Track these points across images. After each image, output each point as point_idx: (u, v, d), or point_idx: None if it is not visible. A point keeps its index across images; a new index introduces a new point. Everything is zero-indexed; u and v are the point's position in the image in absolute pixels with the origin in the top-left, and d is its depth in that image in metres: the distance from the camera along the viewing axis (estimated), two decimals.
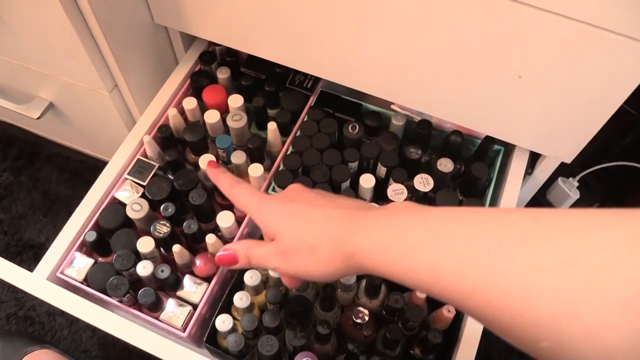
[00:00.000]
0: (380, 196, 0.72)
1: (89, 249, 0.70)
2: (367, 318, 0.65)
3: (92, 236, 0.67)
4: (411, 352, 0.66)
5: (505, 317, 0.30)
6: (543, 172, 0.76)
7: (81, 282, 0.67)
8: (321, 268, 0.44)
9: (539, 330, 0.29)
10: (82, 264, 0.68)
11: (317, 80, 0.81)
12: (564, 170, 0.85)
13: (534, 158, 0.76)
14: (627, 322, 0.25)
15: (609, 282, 0.26)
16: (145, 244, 0.66)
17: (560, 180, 0.94)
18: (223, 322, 0.63)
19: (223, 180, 0.54)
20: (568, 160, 0.69)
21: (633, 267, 0.26)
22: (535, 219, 0.32)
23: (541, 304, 0.28)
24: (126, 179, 0.73)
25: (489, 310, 0.31)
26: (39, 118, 0.91)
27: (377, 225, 0.41)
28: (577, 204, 0.96)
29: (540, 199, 0.99)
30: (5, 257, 0.73)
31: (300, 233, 0.45)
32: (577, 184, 0.94)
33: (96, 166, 1.07)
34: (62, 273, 0.68)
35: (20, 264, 0.97)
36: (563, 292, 0.28)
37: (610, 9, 0.49)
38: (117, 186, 0.73)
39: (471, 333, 0.63)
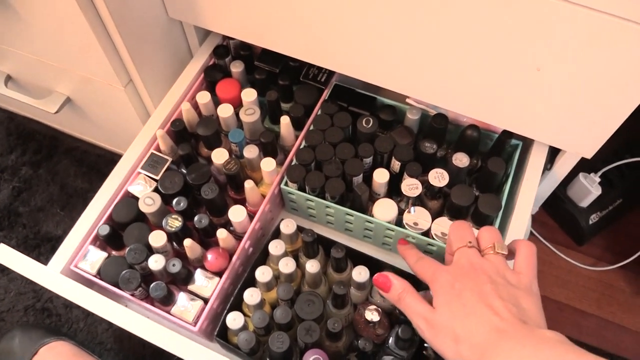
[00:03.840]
0: (394, 191, 0.71)
1: (102, 242, 0.71)
2: (379, 317, 0.64)
3: (105, 230, 0.67)
4: (424, 352, 0.65)
5: None
6: (562, 167, 0.74)
7: (94, 276, 0.67)
8: (455, 359, 0.48)
9: None
10: (96, 257, 0.68)
11: (331, 73, 0.80)
12: (585, 165, 0.83)
13: (553, 153, 0.74)
14: None
15: None
16: (157, 238, 0.66)
17: (581, 175, 0.92)
18: (234, 320, 0.62)
19: (410, 255, 0.59)
20: (588, 156, 0.67)
21: None
22: None
23: None
24: (139, 173, 0.73)
25: None
26: (56, 112, 0.92)
27: (522, 353, 0.44)
28: (598, 200, 0.94)
29: (560, 195, 0.97)
30: (24, 250, 0.74)
31: (453, 319, 0.49)
32: (598, 180, 0.91)
33: (113, 160, 1.07)
34: (75, 266, 0.68)
35: (37, 257, 0.99)
36: None
37: None
38: (130, 180, 0.73)
39: None
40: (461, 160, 0.69)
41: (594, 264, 1.00)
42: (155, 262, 0.65)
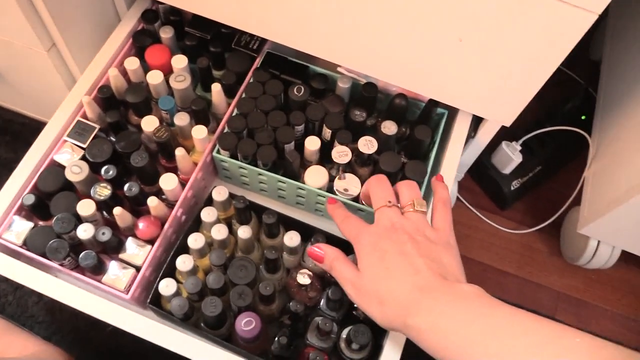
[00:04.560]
0: (325, 158, 0.73)
1: (28, 212, 0.69)
2: (311, 280, 0.66)
3: (30, 200, 0.66)
4: (354, 312, 0.68)
5: None
6: (485, 135, 0.78)
7: (20, 246, 0.66)
8: (382, 320, 0.51)
9: None
10: (21, 227, 0.66)
11: (263, 41, 0.80)
12: (508, 134, 0.88)
13: (477, 122, 0.78)
14: None
15: None
16: (85, 207, 0.65)
17: (504, 144, 0.97)
18: (166, 286, 0.63)
19: (337, 215, 0.60)
20: (508, 124, 0.71)
21: None
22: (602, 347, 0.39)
23: None
24: (66, 141, 0.71)
25: None
26: None
27: (442, 308, 0.46)
28: (519, 167, 0.99)
29: (484, 162, 1.01)
30: None
31: (377, 282, 0.51)
32: (520, 148, 0.96)
33: (38, 129, 1.01)
34: (0, 237, 0.66)
35: None
36: None
37: None
38: (56, 149, 0.71)
39: None
40: (390, 128, 0.71)
41: (515, 227, 1.06)
42: (84, 232, 0.64)
